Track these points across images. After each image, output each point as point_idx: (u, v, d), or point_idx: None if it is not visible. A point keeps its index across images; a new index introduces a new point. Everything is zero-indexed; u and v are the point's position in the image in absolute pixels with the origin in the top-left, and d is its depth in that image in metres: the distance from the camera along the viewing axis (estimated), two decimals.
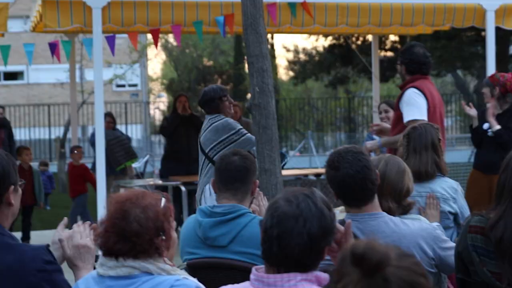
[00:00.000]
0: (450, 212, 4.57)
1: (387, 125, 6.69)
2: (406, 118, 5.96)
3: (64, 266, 3.00)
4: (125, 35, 8.49)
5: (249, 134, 6.27)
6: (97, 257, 2.85)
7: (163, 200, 2.72)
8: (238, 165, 3.77)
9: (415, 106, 5.95)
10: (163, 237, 2.66)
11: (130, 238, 2.61)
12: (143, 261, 2.63)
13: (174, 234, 2.76)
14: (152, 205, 2.67)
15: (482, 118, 7.45)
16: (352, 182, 3.37)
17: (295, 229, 2.39)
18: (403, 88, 6.17)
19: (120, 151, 10.89)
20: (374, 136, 7.64)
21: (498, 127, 7.24)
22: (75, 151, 10.78)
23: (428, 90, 6.07)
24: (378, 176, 3.51)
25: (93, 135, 10.67)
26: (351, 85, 30.86)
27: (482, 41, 13.37)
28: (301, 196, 2.44)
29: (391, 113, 7.40)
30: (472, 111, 7.40)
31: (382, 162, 3.87)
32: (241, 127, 6.44)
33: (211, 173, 6.07)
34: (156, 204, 2.68)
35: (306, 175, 10.41)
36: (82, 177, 10.63)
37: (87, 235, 3.04)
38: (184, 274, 2.71)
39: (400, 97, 6.13)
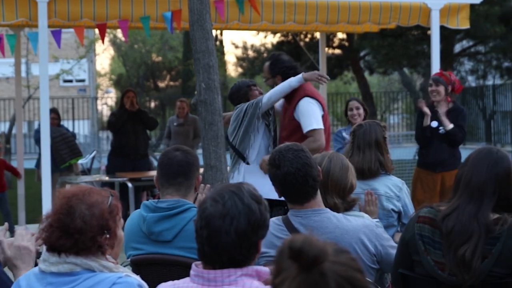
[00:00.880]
0: (393, 210, 4.60)
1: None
2: (305, 129, 6.11)
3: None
4: (72, 30, 8.39)
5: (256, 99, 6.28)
6: (40, 253, 2.83)
7: (111, 198, 2.71)
8: (180, 160, 3.76)
9: (312, 116, 6.10)
10: (107, 236, 2.65)
11: (73, 234, 2.60)
12: (85, 258, 2.62)
13: (120, 233, 2.75)
14: (98, 203, 2.66)
15: (422, 116, 7.54)
16: (294, 179, 3.41)
17: (223, 228, 2.40)
18: (292, 98, 6.26)
19: (65, 149, 10.78)
20: (344, 135, 7.72)
21: (451, 125, 7.33)
22: None
23: (318, 95, 6.26)
24: (320, 173, 3.55)
25: (37, 131, 10.56)
26: None
27: (428, 39, 13.58)
28: (227, 194, 2.45)
29: (361, 110, 7.67)
30: (427, 110, 7.47)
31: (326, 159, 3.92)
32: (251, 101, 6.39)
33: (239, 168, 6.12)
34: (103, 201, 2.67)
35: None
36: (2, 171, 10.53)
37: (29, 239, 3.04)
38: (127, 271, 2.71)
39: (294, 107, 6.23)
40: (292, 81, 6.24)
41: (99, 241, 2.62)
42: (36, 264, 2.87)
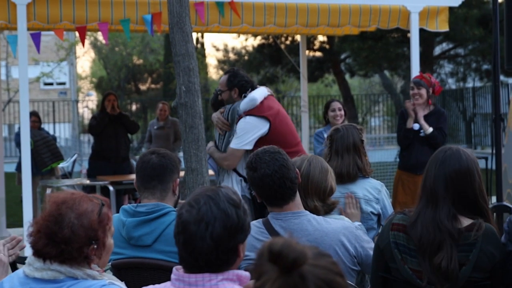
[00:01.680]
0: (372, 213, 4.59)
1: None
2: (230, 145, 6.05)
3: None
4: (52, 32, 8.37)
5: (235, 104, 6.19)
6: (23, 258, 2.82)
7: (102, 206, 2.68)
8: (154, 163, 3.74)
9: (239, 137, 5.97)
10: (95, 246, 2.63)
11: (60, 244, 2.57)
12: (69, 266, 2.60)
13: (109, 242, 2.72)
14: (88, 212, 2.63)
15: (403, 118, 7.58)
16: (270, 181, 3.42)
17: (198, 234, 2.40)
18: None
19: (46, 153, 10.74)
20: (325, 135, 7.73)
21: (431, 129, 7.37)
22: None
23: (264, 111, 6.04)
24: (299, 175, 3.57)
25: (17, 134, 10.51)
26: (280, 85, 31.05)
27: (407, 42, 13.65)
28: (203, 199, 2.45)
29: (343, 111, 7.77)
30: (412, 112, 7.50)
31: (305, 162, 3.93)
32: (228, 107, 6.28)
33: (225, 173, 6.07)
34: (93, 211, 2.64)
35: None
36: None
37: (1, 250, 3.01)
38: (111, 278, 2.69)
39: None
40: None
41: (86, 252, 2.60)
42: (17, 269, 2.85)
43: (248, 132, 5.96)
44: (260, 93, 6.12)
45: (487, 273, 3.19)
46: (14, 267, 3.27)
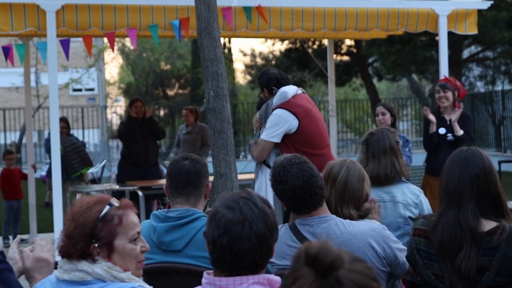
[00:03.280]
0: (410, 218, 4.56)
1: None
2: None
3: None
4: (81, 39, 8.43)
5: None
6: (55, 262, 2.84)
7: (108, 207, 2.68)
8: (189, 169, 3.75)
9: (268, 128, 6.02)
10: (96, 245, 2.64)
11: (65, 240, 2.65)
12: (96, 266, 2.62)
13: (122, 244, 2.70)
14: (92, 211, 2.66)
15: (428, 123, 7.55)
16: (302, 192, 3.44)
17: (244, 234, 2.40)
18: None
19: (76, 158, 10.83)
20: None
21: (462, 132, 7.34)
22: (8, 157, 10.86)
23: (295, 106, 6.08)
24: (323, 179, 3.58)
25: (47, 140, 10.60)
26: (308, 89, 31.02)
27: (436, 45, 13.58)
28: (241, 200, 2.45)
29: (388, 116, 7.48)
30: (432, 117, 7.48)
31: (344, 169, 3.91)
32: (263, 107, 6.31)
33: (261, 168, 6.11)
34: (98, 210, 2.66)
35: None
36: (19, 180, 10.66)
37: (49, 249, 3.00)
38: (140, 282, 2.69)
39: None
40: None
41: (86, 250, 2.62)
42: None
43: (277, 124, 6.00)
44: (290, 88, 6.15)
45: (510, 278, 3.15)
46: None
